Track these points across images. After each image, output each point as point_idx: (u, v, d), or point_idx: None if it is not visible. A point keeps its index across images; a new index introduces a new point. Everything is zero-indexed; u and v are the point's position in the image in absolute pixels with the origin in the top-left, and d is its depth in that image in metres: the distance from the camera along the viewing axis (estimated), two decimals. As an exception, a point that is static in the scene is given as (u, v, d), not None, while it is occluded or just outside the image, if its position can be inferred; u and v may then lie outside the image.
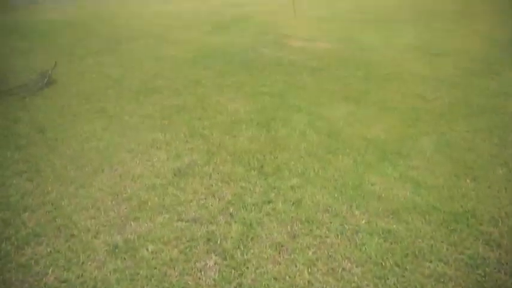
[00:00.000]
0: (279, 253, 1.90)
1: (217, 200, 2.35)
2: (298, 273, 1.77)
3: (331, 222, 2.12)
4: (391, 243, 1.94)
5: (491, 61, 5.01)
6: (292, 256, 1.88)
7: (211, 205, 2.30)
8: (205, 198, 2.37)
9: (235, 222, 2.14)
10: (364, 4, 9.62)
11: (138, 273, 1.81)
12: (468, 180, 2.50)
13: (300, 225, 2.10)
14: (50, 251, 1.97)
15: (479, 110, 3.62)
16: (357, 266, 1.81)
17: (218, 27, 7.29)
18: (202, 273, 1.80)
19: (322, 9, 8.92)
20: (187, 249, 1.95)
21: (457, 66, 4.86)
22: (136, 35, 6.84)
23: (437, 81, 4.39)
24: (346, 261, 1.84)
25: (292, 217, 2.17)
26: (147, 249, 1.95)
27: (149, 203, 2.34)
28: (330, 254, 1.89)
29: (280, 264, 1.84)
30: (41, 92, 4.38)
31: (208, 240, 2.00)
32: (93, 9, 10.03)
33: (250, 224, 2.11)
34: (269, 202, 2.30)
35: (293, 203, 2.28)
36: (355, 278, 1.74)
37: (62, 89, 4.49)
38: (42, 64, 5.28)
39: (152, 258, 1.89)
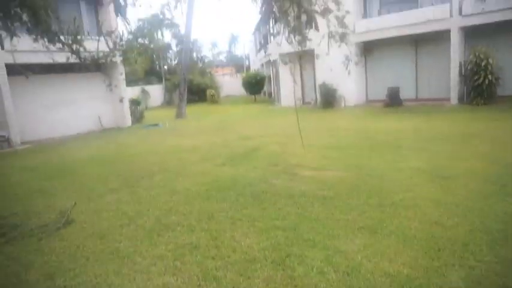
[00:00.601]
0: None
1: None
2: None
3: None
4: None
5: (503, 183, 5.02)
6: None
7: None
8: None
9: None
10: (368, 130, 10.25)
11: None
12: (511, 325, 2.24)
13: None
14: None
15: (502, 236, 3.48)
16: None
17: (231, 160, 7.71)
18: None
19: (328, 138, 9.49)
20: None
21: (469, 189, 4.87)
22: (153, 171, 7.22)
23: (452, 206, 4.34)
24: None
25: None
26: None
27: None
28: None
29: None
30: (58, 232, 4.45)
31: None
32: (112, 148, 10.86)
33: None
34: None
35: None
36: None
37: (79, 228, 4.55)
38: (62, 203, 5.50)
39: None
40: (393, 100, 15.97)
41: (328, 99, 17.88)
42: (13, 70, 10.47)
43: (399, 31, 15.98)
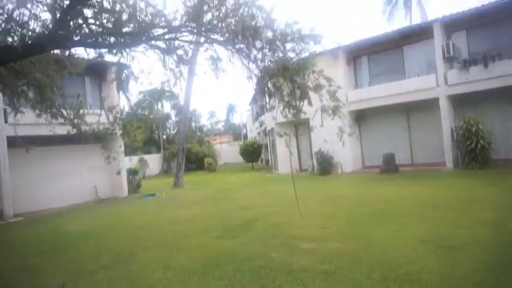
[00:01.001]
0: None
1: None
2: None
3: None
4: None
5: (509, 252, 4.86)
6: None
7: None
8: None
9: None
10: (366, 198, 10.17)
11: None
12: None
13: None
14: None
15: (517, 315, 3.27)
16: None
17: (228, 231, 7.50)
18: None
19: (326, 206, 9.37)
20: None
21: (475, 260, 4.69)
22: (148, 245, 6.98)
23: (459, 280, 4.14)
24: None
25: None
26: None
27: None
28: None
29: None
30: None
31: None
32: (107, 221, 10.59)
33: None
34: None
35: None
36: None
37: (64, 312, 4.26)
38: (50, 283, 5.21)
39: None
40: (389, 166, 16.10)
41: (325, 166, 18.01)
42: (13, 142, 10.63)
43: (390, 100, 16.72)
